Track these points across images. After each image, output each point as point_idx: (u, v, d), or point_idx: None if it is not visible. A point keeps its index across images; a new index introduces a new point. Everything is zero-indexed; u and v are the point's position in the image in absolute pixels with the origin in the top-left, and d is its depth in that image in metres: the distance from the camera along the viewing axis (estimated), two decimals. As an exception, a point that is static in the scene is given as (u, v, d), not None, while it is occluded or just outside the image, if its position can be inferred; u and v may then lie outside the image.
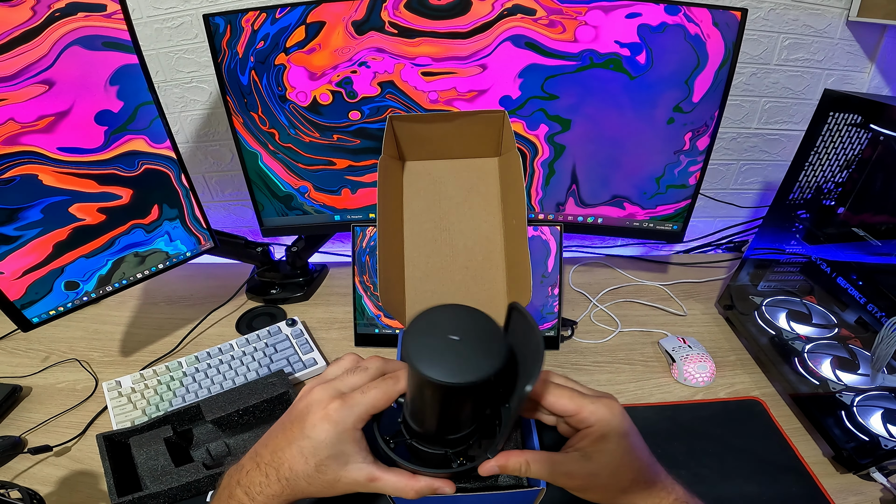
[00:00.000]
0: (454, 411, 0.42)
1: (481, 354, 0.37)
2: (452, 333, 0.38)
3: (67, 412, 0.85)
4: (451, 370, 0.36)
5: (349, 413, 0.44)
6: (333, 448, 0.43)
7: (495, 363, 0.37)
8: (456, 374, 0.36)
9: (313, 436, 0.44)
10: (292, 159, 0.96)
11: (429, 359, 0.37)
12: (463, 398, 0.41)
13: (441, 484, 0.45)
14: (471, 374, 0.36)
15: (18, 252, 0.77)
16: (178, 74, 1.09)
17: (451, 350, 0.38)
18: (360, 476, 0.44)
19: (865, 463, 0.69)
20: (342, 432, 0.43)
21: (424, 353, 0.37)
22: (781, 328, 0.90)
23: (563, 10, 0.81)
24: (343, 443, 0.44)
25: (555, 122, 0.91)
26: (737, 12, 0.78)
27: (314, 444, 0.43)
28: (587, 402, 0.45)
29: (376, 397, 0.44)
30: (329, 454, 0.43)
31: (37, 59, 0.70)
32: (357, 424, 0.44)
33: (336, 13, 0.82)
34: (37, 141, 0.74)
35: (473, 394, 0.40)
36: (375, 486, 0.44)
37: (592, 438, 0.45)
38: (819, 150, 0.81)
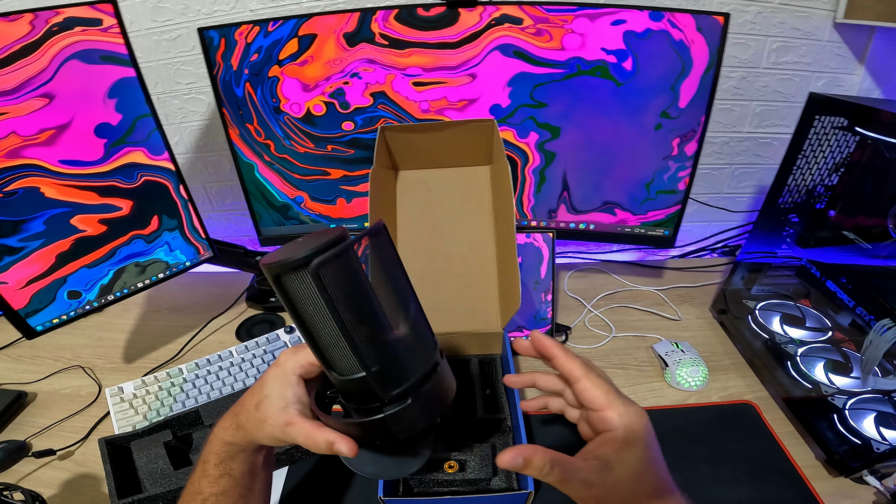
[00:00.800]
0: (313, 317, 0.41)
1: (313, 244, 0.38)
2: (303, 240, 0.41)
3: (71, 417, 0.87)
4: (283, 256, 0.39)
5: (291, 357, 0.48)
6: (270, 388, 0.47)
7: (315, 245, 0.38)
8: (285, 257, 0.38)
9: (264, 378, 0.49)
10: (288, 170, 0.98)
11: (273, 255, 0.40)
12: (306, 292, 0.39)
13: (338, 439, 0.44)
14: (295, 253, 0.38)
15: (22, 263, 0.79)
16: (176, 86, 1.11)
17: (293, 247, 0.40)
18: (281, 419, 0.46)
19: (857, 466, 0.69)
20: (281, 375, 0.48)
21: (272, 253, 0.40)
22: (775, 332, 0.90)
23: (550, 19, 0.82)
24: (281, 385, 0.47)
25: (545, 129, 0.92)
26: (720, 17, 0.79)
27: (260, 384, 0.49)
28: (618, 403, 0.43)
29: None
30: (267, 394, 0.47)
31: (36, 72, 0.72)
32: (296, 370, 0.48)
33: (328, 25, 0.84)
34: (38, 154, 0.76)
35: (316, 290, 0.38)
36: (289, 433, 0.46)
37: (616, 446, 0.41)
38: (807, 154, 0.81)
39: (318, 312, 0.40)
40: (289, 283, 0.39)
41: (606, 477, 0.40)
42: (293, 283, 0.39)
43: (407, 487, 0.67)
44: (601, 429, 0.43)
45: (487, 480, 0.68)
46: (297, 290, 0.39)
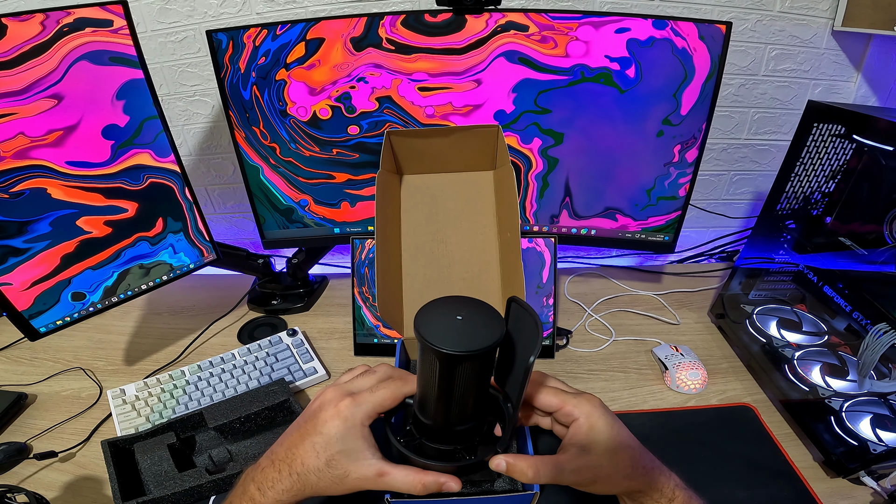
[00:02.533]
0: (459, 390, 0.44)
1: (482, 329, 0.42)
2: (457, 315, 0.43)
3: (72, 419, 0.86)
4: (456, 341, 0.40)
5: (358, 410, 0.47)
6: (343, 443, 0.46)
7: (496, 335, 0.41)
8: (461, 345, 0.40)
9: (325, 431, 0.46)
10: (293, 173, 0.98)
11: (437, 333, 0.41)
12: (467, 374, 0.43)
13: (447, 479, 0.46)
14: (474, 343, 0.40)
15: (27, 264, 0.79)
16: (181, 88, 1.11)
17: (456, 326, 0.42)
18: (369, 471, 0.46)
19: (855, 467, 0.70)
20: (351, 428, 0.46)
21: (433, 329, 0.42)
22: (772, 336, 0.91)
23: (555, 26, 0.83)
24: (352, 439, 0.46)
25: (548, 135, 0.93)
26: (722, 26, 0.80)
27: (325, 439, 0.46)
28: (569, 398, 0.50)
29: (384, 396, 0.48)
30: (339, 449, 0.46)
31: (46, 73, 0.72)
32: (365, 421, 0.47)
33: (335, 30, 0.85)
34: (46, 155, 0.76)
35: (476, 370, 0.43)
36: (384, 482, 0.46)
37: (583, 431, 0.48)
38: (805, 161, 0.83)
39: (477, 384, 0.45)
40: (469, 366, 0.43)
41: (588, 460, 0.47)
42: (470, 366, 0.43)
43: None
44: (567, 423, 0.50)
45: (491, 482, 0.68)
46: (470, 370, 0.43)
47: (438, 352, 0.40)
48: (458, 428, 0.48)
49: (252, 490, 0.48)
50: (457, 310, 0.44)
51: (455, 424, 0.47)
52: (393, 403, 0.48)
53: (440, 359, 0.42)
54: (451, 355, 0.40)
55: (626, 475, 0.49)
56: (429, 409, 0.48)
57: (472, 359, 0.41)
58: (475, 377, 0.44)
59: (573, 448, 0.48)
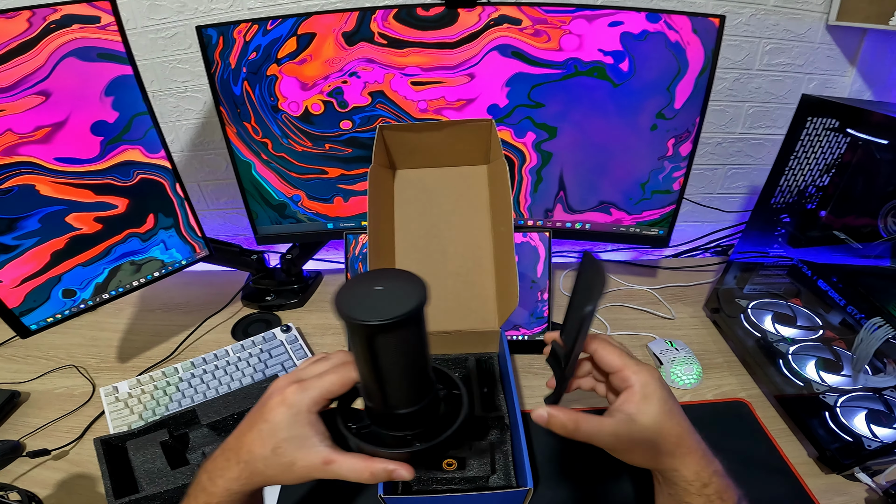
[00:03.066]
0: (387, 366, 0.42)
1: (401, 298, 0.39)
2: (376, 286, 0.41)
3: (65, 417, 0.86)
4: (371, 311, 0.38)
5: (304, 396, 0.45)
6: (289, 430, 0.45)
7: (412, 303, 0.39)
8: (375, 314, 0.38)
9: (270, 419, 0.45)
10: (285, 168, 0.98)
11: (352, 303, 0.39)
12: (390, 347, 0.41)
13: (396, 466, 0.45)
14: (390, 312, 0.38)
15: (17, 261, 0.78)
16: (172, 84, 1.10)
17: (374, 297, 0.40)
18: (316, 459, 0.45)
19: (849, 463, 0.70)
20: (297, 415, 0.45)
21: (349, 300, 0.39)
22: (767, 330, 0.91)
23: (548, 20, 0.83)
24: (299, 425, 0.45)
25: (542, 129, 0.92)
26: (715, 19, 0.80)
27: (271, 426, 0.45)
28: (631, 363, 0.49)
29: (332, 381, 0.46)
30: (285, 437, 0.45)
31: (33, 70, 0.72)
32: (312, 408, 0.46)
33: (326, 24, 0.84)
34: (34, 151, 0.75)
35: (400, 341, 0.41)
36: (331, 470, 0.45)
37: (636, 400, 0.47)
38: (799, 155, 0.82)
39: (404, 356, 0.42)
40: (387, 337, 0.40)
41: (632, 427, 0.46)
42: (391, 336, 0.40)
43: (406, 485, 0.67)
44: (621, 387, 0.49)
45: (486, 478, 0.68)
46: (392, 341, 0.40)
47: (353, 323, 0.38)
48: (401, 411, 0.45)
49: (203, 480, 0.48)
50: (377, 282, 0.42)
51: (396, 407, 0.45)
52: (342, 389, 0.46)
53: (356, 331, 0.40)
54: (366, 325, 0.38)
55: (668, 452, 0.47)
56: (366, 390, 0.46)
57: (388, 328, 0.38)
58: (401, 350, 0.42)
59: (620, 415, 0.47)
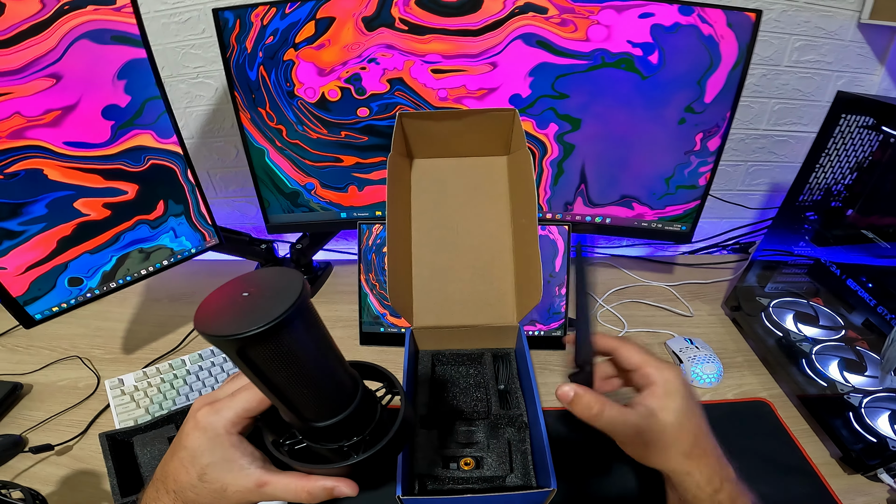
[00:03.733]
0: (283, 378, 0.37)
1: (272, 302, 0.33)
2: (243, 292, 0.36)
3: (69, 410, 0.85)
4: (232, 323, 0.32)
5: (217, 418, 0.43)
6: (210, 455, 0.42)
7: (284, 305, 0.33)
8: (234, 326, 0.32)
9: (188, 445, 0.43)
10: (299, 156, 0.96)
11: (214, 316, 0.34)
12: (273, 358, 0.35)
13: (336, 483, 0.43)
14: (252, 321, 0.32)
15: (22, 247, 0.76)
16: (184, 70, 1.09)
17: (242, 304, 0.35)
18: (247, 482, 0.42)
19: (873, 464, 0.70)
20: (213, 438, 0.42)
21: (212, 313, 0.34)
22: (789, 330, 0.90)
23: (576, 10, 0.80)
24: (219, 449, 0.42)
25: (565, 121, 0.90)
26: (751, 13, 0.78)
27: (190, 453, 0.43)
28: (652, 360, 0.50)
29: (247, 399, 0.43)
30: (208, 462, 0.42)
31: (44, 52, 0.70)
32: (230, 429, 0.43)
33: (346, 9, 0.82)
34: (42, 135, 0.73)
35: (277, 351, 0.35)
36: (266, 492, 0.43)
37: (659, 395, 0.47)
38: (830, 152, 0.81)
39: (292, 366, 0.36)
40: (262, 350, 0.34)
41: (653, 423, 0.46)
42: (267, 349, 0.34)
43: (422, 485, 0.66)
44: (643, 385, 0.49)
45: (503, 478, 0.67)
46: (272, 353, 0.35)
47: (213, 339, 0.33)
48: (321, 424, 0.41)
49: None
50: (246, 286, 0.36)
51: (315, 419, 0.41)
52: (260, 405, 0.43)
53: (222, 347, 0.35)
54: (228, 340, 0.32)
55: (683, 452, 0.47)
56: (278, 406, 0.41)
57: (255, 340, 0.33)
58: (285, 360, 0.36)
59: (642, 408, 0.47)
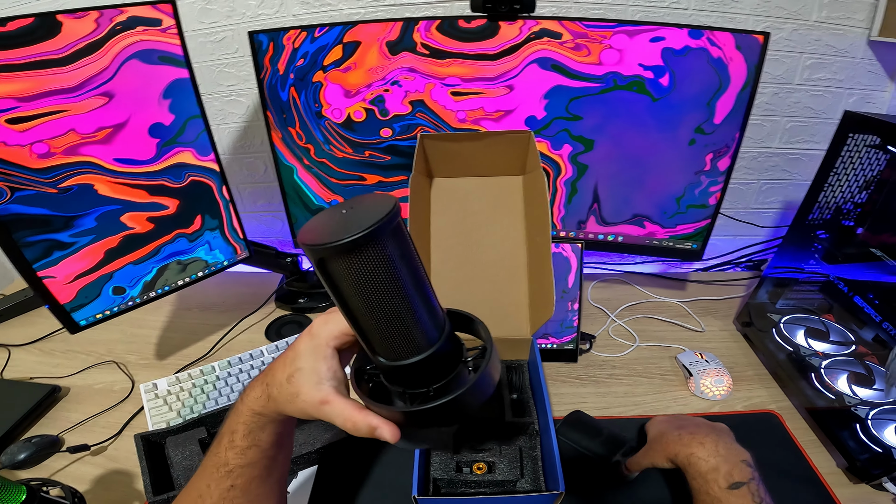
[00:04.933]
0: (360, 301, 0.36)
1: (363, 217, 0.33)
2: (343, 209, 0.36)
3: (104, 412, 0.88)
4: (328, 233, 0.32)
5: (325, 328, 0.45)
6: (304, 360, 0.45)
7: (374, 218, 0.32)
8: (330, 235, 0.32)
9: (296, 346, 0.46)
10: (326, 174, 1.00)
11: (313, 228, 0.34)
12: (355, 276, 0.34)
13: (381, 424, 0.42)
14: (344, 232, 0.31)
15: (72, 258, 0.81)
16: (218, 88, 1.13)
17: (337, 219, 0.34)
18: (315, 396, 0.43)
19: (878, 473, 0.71)
20: (316, 346, 0.45)
21: (309, 225, 0.35)
22: (799, 345, 0.91)
23: (589, 34, 0.84)
24: (314, 358, 0.44)
25: (578, 142, 0.94)
26: (760, 36, 0.81)
27: (294, 353, 0.46)
28: None
29: None
30: (300, 366, 0.44)
31: (98, 71, 0.74)
32: (330, 341, 0.45)
33: (371, 33, 0.86)
34: (95, 151, 0.78)
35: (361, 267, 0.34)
36: (323, 411, 0.44)
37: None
38: (839, 171, 0.83)
39: (377, 294, 0.35)
40: (345, 264, 0.33)
41: None
42: (350, 264, 0.33)
43: (436, 488, 0.69)
44: None
45: (514, 482, 0.69)
46: (354, 270, 0.34)
47: (305, 248, 0.33)
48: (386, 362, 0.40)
49: (236, 400, 0.50)
50: (347, 206, 0.36)
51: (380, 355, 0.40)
52: None
53: (311, 258, 0.34)
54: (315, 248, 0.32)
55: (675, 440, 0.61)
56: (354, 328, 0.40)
57: (343, 251, 0.32)
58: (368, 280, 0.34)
59: None
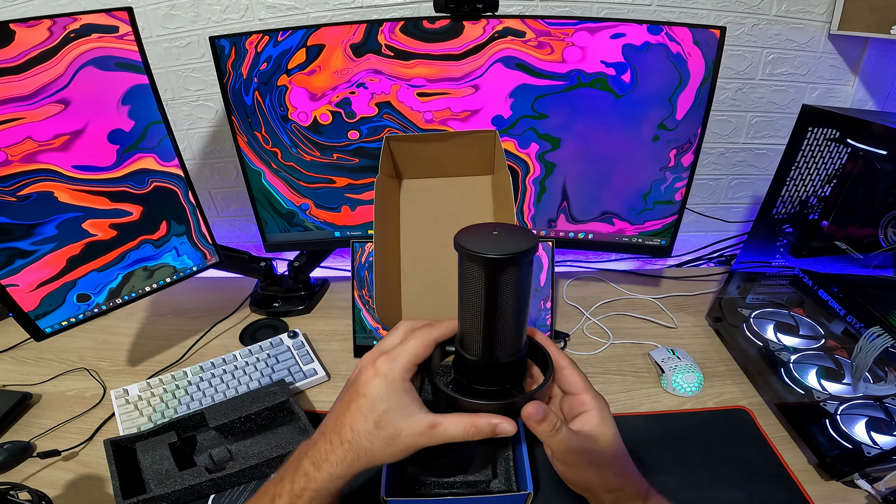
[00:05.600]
0: (504, 305, 0.44)
1: (518, 239, 0.43)
2: (493, 231, 0.45)
3: (76, 419, 0.88)
4: (495, 249, 0.42)
5: (395, 364, 0.46)
6: (387, 401, 0.45)
7: (531, 241, 0.43)
8: (499, 250, 0.41)
9: (367, 392, 0.46)
10: (294, 177, 1.00)
11: (478, 245, 0.42)
12: (510, 284, 0.43)
13: (500, 420, 0.45)
14: (512, 249, 0.41)
15: (34, 266, 0.80)
16: (185, 92, 1.13)
17: (494, 239, 0.43)
18: (420, 425, 0.45)
19: (849, 470, 0.71)
20: (392, 384, 0.46)
21: (473, 242, 0.43)
22: (769, 339, 0.91)
23: (552, 32, 0.84)
24: (396, 395, 0.46)
25: (545, 140, 0.94)
26: (716, 30, 0.81)
27: (370, 400, 0.46)
28: (591, 388, 0.51)
29: (416, 346, 0.47)
30: (385, 408, 0.45)
31: (53, 78, 0.74)
32: (405, 375, 0.47)
33: (335, 36, 0.86)
34: (53, 159, 0.77)
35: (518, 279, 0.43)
36: (437, 433, 0.45)
37: (593, 423, 0.49)
38: (800, 165, 0.83)
39: (512, 298, 0.44)
40: (514, 271, 0.43)
41: (594, 445, 0.48)
42: (518, 271, 0.43)
43: (410, 489, 0.68)
44: (578, 410, 0.50)
45: (487, 482, 0.69)
46: (519, 276, 0.43)
47: (482, 258, 0.41)
48: (505, 360, 0.47)
49: (306, 465, 0.48)
50: (491, 229, 0.45)
51: (502, 354, 0.46)
52: (426, 351, 0.48)
53: (484, 265, 0.42)
54: (493, 259, 0.41)
55: (616, 471, 0.50)
56: (473, 338, 0.47)
57: (513, 263, 0.42)
58: (517, 289, 0.44)
59: (583, 431, 0.49)
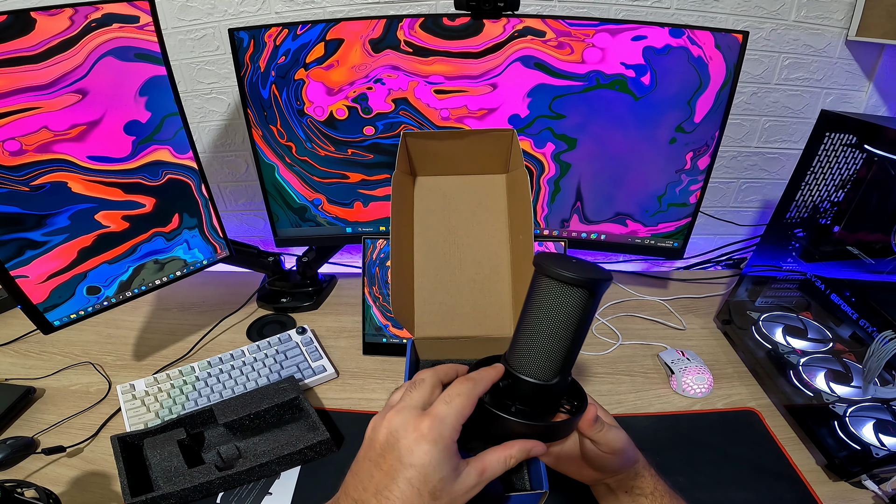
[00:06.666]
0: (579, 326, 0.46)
1: (596, 269, 0.46)
2: (571, 260, 0.47)
3: (80, 414, 0.86)
4: (581, 272, 0.44)
5: (444, 427, 0.41)
6: (441, 469, 0.41)
7: (609, 274, 0.45)
8: (586, 274, 0.44)
9: (416, 462, 0.40)
10: (308, 172, 0.99)
11: (560, 267, 0.44)
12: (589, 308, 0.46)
13: (534, 444, 0.46)
14: (596, 274, 0.44)
15: (44, 257, 0.79)
16: (198, 85, 1.12)
17: (575, 265, 0.45)
18: (470, 479, 0.42)
19: (857, 471, 0.72)
20: (444, 450, 0.41)
21: (556, 265, 0.45)
22: (778, 342, 0.92)
23: (572, 33, 0.84)
24: (448, 459, 0.41)
25: (561, 140, 0.94)
26: (738, 35, 0.82)
27: (421, 471, 0.40)
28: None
29: (462, 404, 0.43)
30: (440, 477, 0.41)
31: (72, 68, 0.73)
32: (454, 436, 0.42)
33: (354, 31, 0.86)
34: (68, 149, 0.76)
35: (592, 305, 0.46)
36: (487, 476, 0.43)
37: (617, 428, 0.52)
38: (815, 170, 0.84)
39: (577, 322, 0.46)
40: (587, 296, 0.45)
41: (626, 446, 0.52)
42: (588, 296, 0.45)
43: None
44: None
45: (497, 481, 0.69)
46: (594, 301, 0.46)
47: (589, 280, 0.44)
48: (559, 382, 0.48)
49: None
50: (567, 259, 0.47)
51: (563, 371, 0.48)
52: (471, 408, 0.44)
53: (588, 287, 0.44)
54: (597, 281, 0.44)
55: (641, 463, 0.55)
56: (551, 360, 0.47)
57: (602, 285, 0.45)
58: (590, 313, 0.46)
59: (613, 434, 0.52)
